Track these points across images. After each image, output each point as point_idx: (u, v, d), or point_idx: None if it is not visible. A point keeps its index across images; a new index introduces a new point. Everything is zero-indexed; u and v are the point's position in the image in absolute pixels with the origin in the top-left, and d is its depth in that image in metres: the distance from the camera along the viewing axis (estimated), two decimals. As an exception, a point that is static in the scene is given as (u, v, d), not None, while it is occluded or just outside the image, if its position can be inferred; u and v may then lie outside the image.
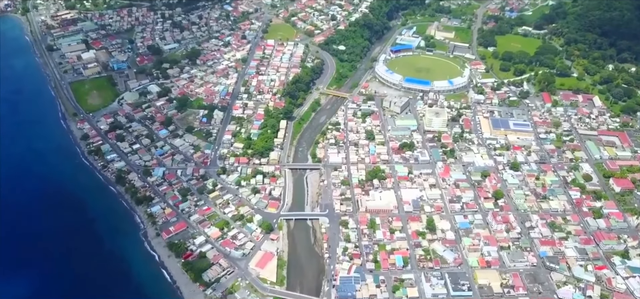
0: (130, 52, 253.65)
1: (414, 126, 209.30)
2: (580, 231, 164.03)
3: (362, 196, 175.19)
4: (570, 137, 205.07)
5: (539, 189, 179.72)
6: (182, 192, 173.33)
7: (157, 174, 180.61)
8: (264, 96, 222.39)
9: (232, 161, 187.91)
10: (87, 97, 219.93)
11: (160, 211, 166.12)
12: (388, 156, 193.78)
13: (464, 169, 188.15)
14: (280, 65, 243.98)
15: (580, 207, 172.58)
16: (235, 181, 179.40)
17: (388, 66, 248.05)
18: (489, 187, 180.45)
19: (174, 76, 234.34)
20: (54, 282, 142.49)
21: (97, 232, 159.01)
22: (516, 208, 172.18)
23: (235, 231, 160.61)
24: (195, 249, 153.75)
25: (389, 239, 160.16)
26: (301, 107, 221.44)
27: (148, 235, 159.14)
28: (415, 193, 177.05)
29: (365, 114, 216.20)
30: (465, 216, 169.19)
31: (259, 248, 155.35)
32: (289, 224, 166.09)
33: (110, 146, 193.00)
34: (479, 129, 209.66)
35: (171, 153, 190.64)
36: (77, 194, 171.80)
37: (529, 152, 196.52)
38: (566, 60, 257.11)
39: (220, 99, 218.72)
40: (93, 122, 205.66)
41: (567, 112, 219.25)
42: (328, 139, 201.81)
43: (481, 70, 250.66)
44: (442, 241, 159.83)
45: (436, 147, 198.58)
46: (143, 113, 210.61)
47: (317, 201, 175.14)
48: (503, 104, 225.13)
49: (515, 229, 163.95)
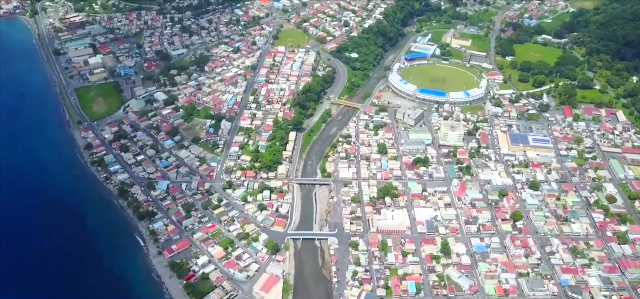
0: (137, 58, 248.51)
1: (429, 140, 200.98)
2: (604, 257, 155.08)
3: (374, 214, 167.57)
4: (592, 154, 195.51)
5: (560, 211, 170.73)
6: (186, 207, 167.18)
7: (160, 187, 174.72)
8: (273, 106, 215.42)
9: (239, 175, 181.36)
10: (93, 104, 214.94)
11: (162, 228, 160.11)
12: (401, 171, 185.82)
13: (480, 188, 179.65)
14: (291, 73, 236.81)
15: (603, 231, 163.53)
16: (241, 197, 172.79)
17: (402, 75, 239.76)
18: (507, 207, 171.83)
19: (182, 83, 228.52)
20: None
21: (96, 249, 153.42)
22: (536, 231, 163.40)
23: (239, 251, 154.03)
24: (197, 270, 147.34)
25: (401, 263, 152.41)
26: (311, 118, 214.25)
27: (149, 253, 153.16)
28: (429, 213, 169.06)
29: (377, 126, 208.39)
30: (482, 239, 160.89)
31: (264, 270, 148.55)
32: (296, 244, 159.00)
33: (113, 156, 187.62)
34: (496, 144, 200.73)
35: (176, 165, 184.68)
36: (78, 208, 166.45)
37: (549, 171, 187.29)
38: (588, 72, 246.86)
39: (228, 109, 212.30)
40: (97, 130, 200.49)
41: (589, 128, 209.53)
42: (338, 153, 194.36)
43: (499, 81, 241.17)
44: (457, 266, 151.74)
45: (451, 163, 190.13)
46: (149, 122, 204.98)
47: (326, 220, 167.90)
48: (522, 118, 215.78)
49: (535, 254, 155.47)
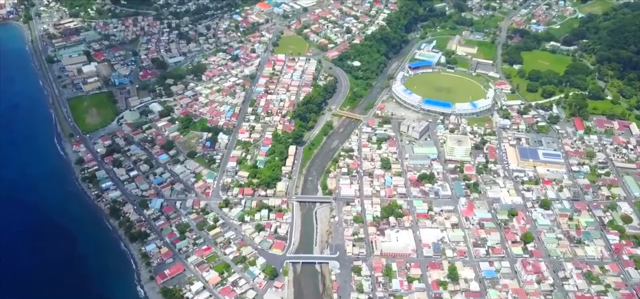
0: (133, 66, 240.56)
1: (434, 155, 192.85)
2: (620, 283, 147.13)
3: (377, 236, 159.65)
4: (605, 170, 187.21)
5: (573, 232, 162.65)
6: (180, 228, 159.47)
7: (154, 206, 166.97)
8: (273, 118, 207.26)
9: (236, 192, 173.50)
10: (86, 116, 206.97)
11: (155, 250, 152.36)
12: (405, 188, 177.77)
13: (489, 206, 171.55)
14: (291, 83, 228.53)
15: (619, 254, 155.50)
16: (238, 216, 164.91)
17: (406, 85, 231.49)
18: (517, 228, 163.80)
19: (178, 93, 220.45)
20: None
21: (86, 273, 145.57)
22: (548, 254, 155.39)
23: (236, 276, 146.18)
24: (191, 297, 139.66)
25: (406, 289, 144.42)
26: (312, 130, 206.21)
27: (141, 278, 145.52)
28: (435, 234, 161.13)
29: (380, 139, 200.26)
30: (491, 263, 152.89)
31: (262, 298, 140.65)
32: (295, 268, 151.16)
33: (106, 172, 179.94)
34: (505, 159, 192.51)
35: (170, 182, 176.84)
36: (67, 228, 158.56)
37: (560, 188, 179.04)
38: (599, 81, 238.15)
39: (226, 121, 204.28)
40: (90, 144, 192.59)
41: (601, 141, 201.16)
42: (340, 168, 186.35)
43: (506, 91, 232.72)
44: (465, 293, 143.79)
45: (458, 180, 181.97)
46: (143, 135, 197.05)
47: (327, 242, 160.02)
48: (531, 130, 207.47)
49: (548, 280, 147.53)
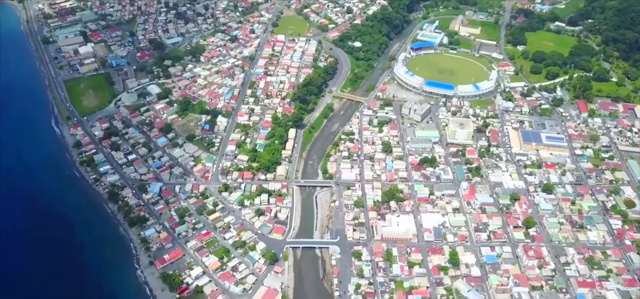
0: (130, 47, 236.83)
1: (436, 138, 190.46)
2: (622, 269, 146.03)
3: (378, 221, 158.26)
4: (609, 154, 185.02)
5: (575, 217, 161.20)
6: (179, 212, 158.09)
7: (153, 190, 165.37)
8: (272, 101, 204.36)
9: (236, 176, 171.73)
10: (83, 98, 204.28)
11: (154, 235, 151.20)
12: (407, 172, 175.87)
13: (491, 191, 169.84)
14: (291, 64, 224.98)
15: (622, 239, 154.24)
16: (238, 201, 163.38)
17: (408, 67, 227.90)
18: (519, 213, 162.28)
19: (176, 75, 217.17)
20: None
21: (85, 259, 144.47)
22: (550, 239, 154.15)
23: (235, 261, 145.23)
24: (191, 283, 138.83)
25: (407, 274, 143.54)
26: (312, 113, 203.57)
27: (141, 264, 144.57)
28: (436, 219, 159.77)
29: (382, 122, 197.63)
30: (493, 248, 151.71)
31: (262, 283, 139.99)
32: (295, 253, 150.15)
33: (104, 155, 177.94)
34: (507, 142, 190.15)
35: (169, 165, 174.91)
36: (65, 213, 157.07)
37: (563, 172, 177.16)
38: (604, 63, 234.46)
39: (225, 103, 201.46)
40: (87, 127, 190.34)
41: (605, 124, 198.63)
42: (340, 152, 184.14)
43: (510, 73, 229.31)
44: (466, 278, 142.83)
45: (460, 164, 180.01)
46: (141, 118, 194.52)
47: (327, 226, 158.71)
48: (534, 113, 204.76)
49: (549, 265, 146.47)
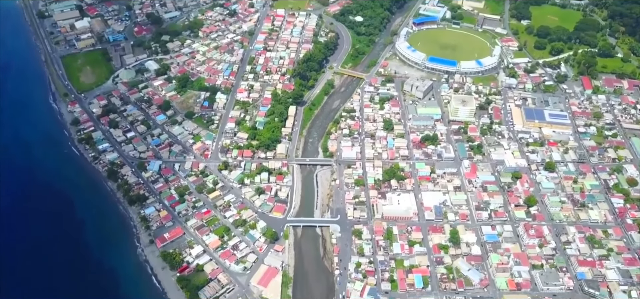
0: (127, 21, 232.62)
1: (438, 115, 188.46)
2: (623, 247, 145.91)
3: (378, 199, 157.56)
4: (613, 132, 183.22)
5: (577, 195, 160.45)
6: (179, 191, 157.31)
7: (152, 168, 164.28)
8: (272, 77, 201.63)
9: (235, 154, 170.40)
10: (80, 74, 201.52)
11: (154, 214, 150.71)
12: (408, 150, 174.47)
13: (492, 169, 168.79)
14: (291, 40, 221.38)
15: (623, 218, 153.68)
16: (238, 179, 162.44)
17: (410, 42, 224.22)
18: (521, 191, 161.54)
19: (174, 51, 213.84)
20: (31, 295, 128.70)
21: (85, 238, 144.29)
22: (551, 218, 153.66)
23: (236, 240, 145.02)
24: (191, 261, 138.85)
25: (407, 253, 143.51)
26: (312, 89, 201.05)
27: (141, 242, 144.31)
28: (437, 197, 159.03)
29: (383, 99, 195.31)
30: (493, 227, 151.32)
31: (262, 262, 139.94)
32: (295, 232, 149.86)
33: (102, 133, 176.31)
34: (510, 119, 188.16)
35: (168, 143, 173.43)
36: (65, 191, 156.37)
37: (566, 150, 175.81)
38: (609, 38, 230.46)
39: (224, 80, 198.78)
40: (85, 104, 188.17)
41: (609, 101, 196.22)
42: (341, 129, 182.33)
43: (513, 48, 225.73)
44: (466, 257, 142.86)
45: (462, 141, 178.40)
46: (139, 94, 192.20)
47: (327, 205, 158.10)
48: (537, 90, 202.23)
49: (550, 243, 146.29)
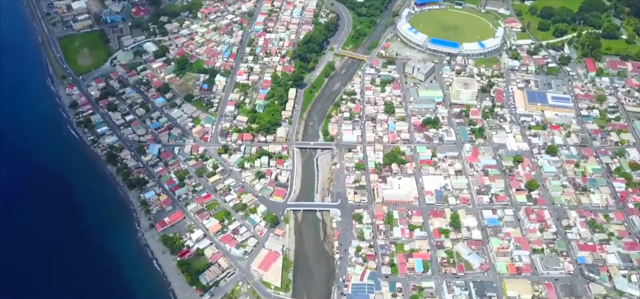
0: (125, 2, 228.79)
1: (439, 98, 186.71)
2: (624, 232, 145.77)
3: (379, 183, 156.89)
4: (616, 115, 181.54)
5: (579, 179, 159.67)
6: (179, 174, 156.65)
7: (152, 151, 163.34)
8: (272, 59, 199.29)
9: (235, 138, 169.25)
10: (78, 56, 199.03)
11: (154, 198, 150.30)
12: (409, 134, 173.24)
13: (494, 152, 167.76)
14: (291, 21, 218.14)
15: (624, 202, 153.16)
16: (238, 163, 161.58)
17: (411, 23, 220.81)
18: (522, 175, 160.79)
19: (173, 32, 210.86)
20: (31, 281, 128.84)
21: (85, 222, 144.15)
22: (552, 202, 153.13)
23: (236, 224, 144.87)
24: (192, 245, 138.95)
25: (407, 237, 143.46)
26: (313, 71, 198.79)
27: (141, 226, 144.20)
28: (438, 181, 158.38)
29: (384, 81, 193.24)
30: (494, 211, 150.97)
31: (263, 246, 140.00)
32: (296, 216, 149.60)
33: (101, 116, 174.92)
34: (512, 102, 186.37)
35: (168, 126, 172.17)
36: (64, 175, 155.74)
37: (568, 133, 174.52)
38: (614, 19, 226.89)
39: (223, 62, 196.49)
40: (83, 86, 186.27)
41: (613, 84, 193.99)
42: (342, 112, 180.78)
43: (516, 30, 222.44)
44: (467, 241, 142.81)
45: (463, 125, 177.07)
46: (138, 77, 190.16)
47: (328, 189, 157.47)
48: (540, 72, 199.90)
49: (551, 228, 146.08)
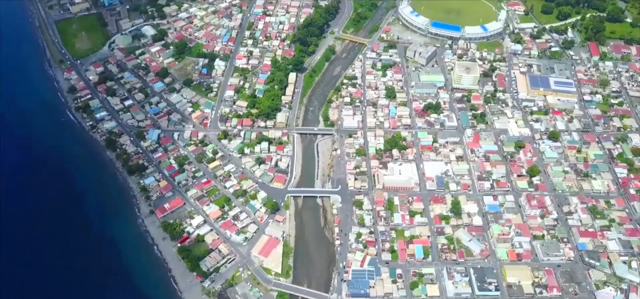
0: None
1: (441, 82, 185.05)
2: (625, 218, 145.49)
3: (380, 169, 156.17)
4: (619, 100, 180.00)
5: (581, 165, 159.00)
6: (178, 160, 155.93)
7: (151, 137, 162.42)
8: (272, 43, 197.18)
9: (235, 123, 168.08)
10: (75, 40, 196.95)
11: (154, 184, 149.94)
12: (410, 119, 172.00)
13: (495, 138, 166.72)
14: (291, 4, 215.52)
15: (626, 188, 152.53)
16: (238, 148, 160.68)
17: (413, 6, 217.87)
18: (524, 161, 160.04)
19: (171, 15, 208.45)
20: (32, 268, 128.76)
21: (85, 208, 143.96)
22: (553, 188, 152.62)
23: (237, 210, 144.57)
24: (192, 232, 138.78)
25: (408, 223, 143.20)
26: (313, 55, 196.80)
27: (141, 212, 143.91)
28: (439, 167, 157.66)
29: (385, 65, 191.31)
30: (495, 197, 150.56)
31: (263, 232, 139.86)
32: (296, 202, 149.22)
33: (100, 101, 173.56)
34: (514, 87, 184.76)
35: (167, 112, 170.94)
36: (63, 161, 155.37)
37: (570, 118, 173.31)
38: (619, 2, 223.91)
39: (222, 46, 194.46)
40: (81, 71, 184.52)
41: (616, 68, 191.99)
42: (343, 97, 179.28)
43: (520, 13, 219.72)
44: (467, 227, 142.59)
45: (465, 110, 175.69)
46: (136, 61, 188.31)
47: (328, 175, 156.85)
48: (543, 56, 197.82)
49: (552, 214, 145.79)
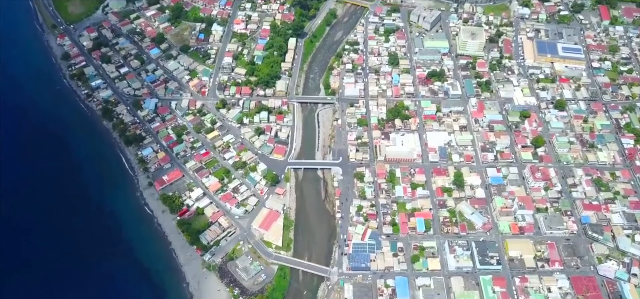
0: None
1: (445, 49, 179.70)
2: (630, 190, 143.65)
3: (382, 140, 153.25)
4: (628, 67, 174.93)
5: (587, 136, 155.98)
6: (176, 131, 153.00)
7: (148, 106, 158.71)
8: (271, 6, 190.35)
9: (233, 92, 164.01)
10: (68, 4, 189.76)
11: (152, 155, 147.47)
12: (413, 87, 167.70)
13: (500, 107, 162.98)
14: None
15: (632, 160, 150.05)
16: (237, 118, 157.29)
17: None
18: (529, 131, 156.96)
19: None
20: (29, 242, 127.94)
21: (83, 180, 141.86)
22: (558, 160, 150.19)
23: (236, 183, 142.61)
24: (191, 204, 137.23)
25: (409, 196, 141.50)
26: (314, 20, 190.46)
27: (140, 184, 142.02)
28: (442, 138, 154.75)
29: (388, 30, 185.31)
30: (498, 169, 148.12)
31: (264, 204, 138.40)
32: (297, 174, 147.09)
33: (94, 68, 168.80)
34: (521, 54, 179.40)
35: (164, 80, 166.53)
36: (59, 131, 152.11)
37: (578, 87, 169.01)
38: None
39: (220, 10, 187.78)
40: (75, 36, 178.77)
41: (627, 33, 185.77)
42: (344, 64, 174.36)
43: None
44: (470, 200, 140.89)
45: (470, 78, 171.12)
46: (131, 26, 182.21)
47: (329, 146, 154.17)
48: (552, 21, 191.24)
49: (556, 186, 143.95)
